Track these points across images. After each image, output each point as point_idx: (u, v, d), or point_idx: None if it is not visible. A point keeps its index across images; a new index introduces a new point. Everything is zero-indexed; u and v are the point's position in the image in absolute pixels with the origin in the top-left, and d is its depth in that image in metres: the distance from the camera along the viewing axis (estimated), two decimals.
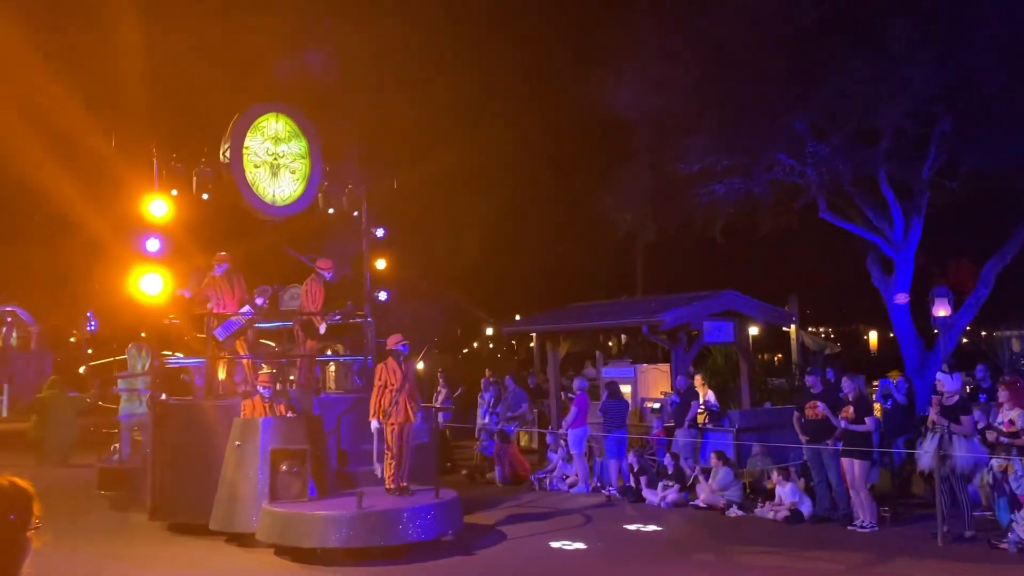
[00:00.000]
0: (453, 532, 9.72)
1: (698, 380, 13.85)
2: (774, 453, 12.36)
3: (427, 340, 13.85)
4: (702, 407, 13.84)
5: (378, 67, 20.47)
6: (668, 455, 12.49)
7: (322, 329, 11.97)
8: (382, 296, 13.77)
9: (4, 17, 15.87)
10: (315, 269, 12.26)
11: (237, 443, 9.95)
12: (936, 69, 14.18)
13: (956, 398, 9.99)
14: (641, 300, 18.88)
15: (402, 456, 9.95)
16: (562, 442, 13.78)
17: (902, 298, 15.76)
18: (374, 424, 9.94)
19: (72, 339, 36.74)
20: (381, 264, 13.84)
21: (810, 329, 29.88)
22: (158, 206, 11.21)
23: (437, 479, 10.39)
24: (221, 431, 10.33)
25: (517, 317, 26.83)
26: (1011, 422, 9.24)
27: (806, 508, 10.69)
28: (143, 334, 14.77)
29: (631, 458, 12.70)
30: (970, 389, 12.78)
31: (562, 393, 16.82)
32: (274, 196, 12.40)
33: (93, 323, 37.94)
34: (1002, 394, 9.52)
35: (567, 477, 13.42)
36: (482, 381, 17.62)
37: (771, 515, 10.79)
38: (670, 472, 12.15)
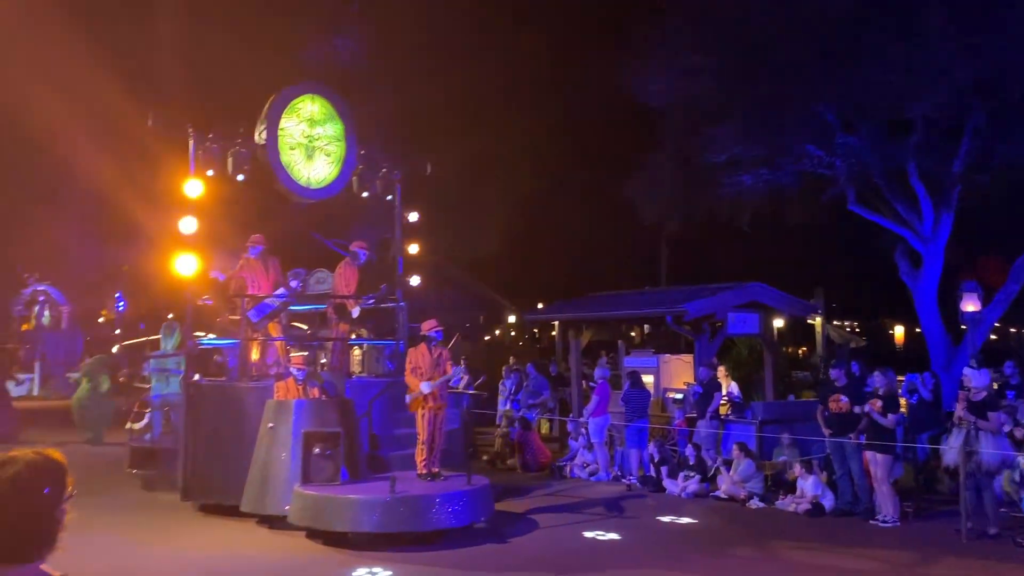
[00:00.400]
0: (485, 519, 9.63)
1: (721, 371, 13.80)
2: (796, 446, 12.29)
3: (456, 327, 13.78)
4: (725, 398, 13.80)
5: (408, 51, 20.40)
6: (690, 446, 12.46)
7: (355, 313, 11.92)
8: (414, 281, 13.71)
9: None
10: (346, 253, 12.23)
11: (270, 425, 9.94)
12: (971, 60, 13.94)
13: (984, 394, 9.87)
14: (665, 290, 18.84)
15: (434, 442, 9.89)
16: (583, 430, 13.79)
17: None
18: (425, 387, 9.76)
19: (101, 319, 37.23)
20: (414, 249, 13.78)
21: (835, 322, 29.66)
22: (193, 187, 11.21)
23: (468, 466, 10.35)
24: (254, 413, 10.33)
25: (540, 306, 26.87)
26: None
27: (828, 501, 10.63)
28: (171, 315, 14.91)
29: (652, 448, 12.68)
30: (997, 386, 12.62)
31: (583, 382, 16.83)
32: (309, 178, 12.34)
33: (122, 303, 38.44)
34: None
35: (587, 465, 13.43)
36: (504, 368, 17.65)
37: (792, 507, 10.74)
38: (691, 463, 12.12)
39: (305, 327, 14.08)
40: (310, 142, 12.30)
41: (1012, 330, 25.06)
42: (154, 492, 11.70)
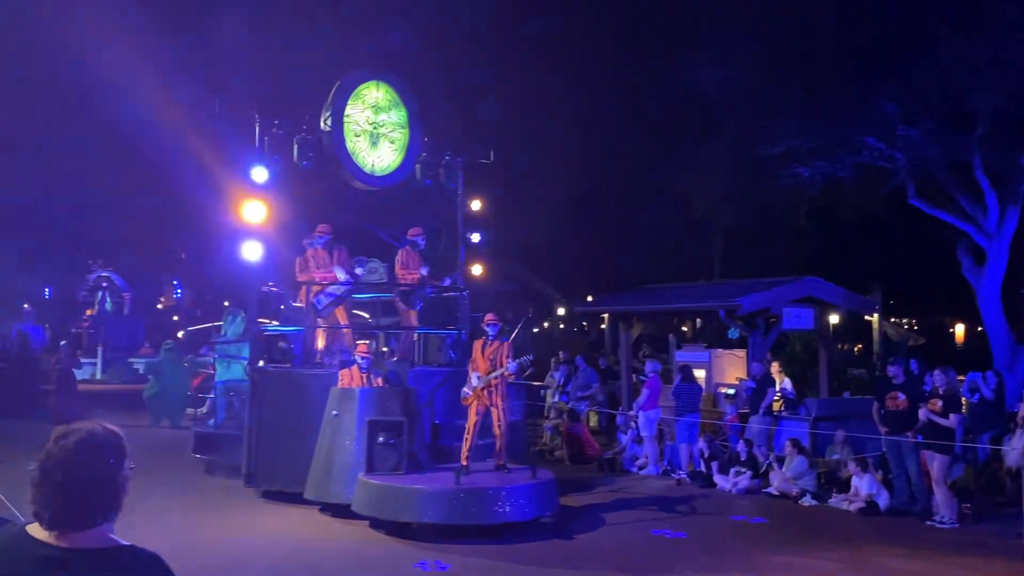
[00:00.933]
0: (550, 514, 9.47)
1: (775, 367, 13.61)
2: (851, 444, 12.07)
3: (510, 319, 13.74)
4: (778, 395, 13.60)
5: (463, 41, 20.35)
6: (741, 441, 12.31)
7: (418, 305, 11.86)
8: (476, 270, 13.65)
9: None
10: (396, 242, 12.30)
11: (334, 413, 9.91)
12: None
13: None
14: (718, 284, 18.60)
15: (492, 435, 9.71)
16: (632, 424, 13.71)
17: None
18: (473, 378, 9.69)
19: (160, 306, 38.13)
20: (476, 237, 13.70)
21: (892, 319, 29.04)
22: (259, 173, 11.29)
23: (533, 459, 10.26)
24: (318, 400, 10.32)
25: (589, 298, 26.76)
26: None
27: (883, 501, 10.41)
28: (226, 303, 15.18)
29: (702, 443, 12.56)
30: None
31: (634, 375, 16.73)
32: (373, 166, 12.31)
33: (180, 290, 39.28)
34: None
35: (636, 459, 13.35)
36: (552, 361, 17.63)
37: (846, 505, 10.55)
38: (743, 459, 11.98)
39: (366, 315, 14.16)
40: (375, 129, 12.26)
41: None
42: (217, 477, 11.78)
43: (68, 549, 2.10)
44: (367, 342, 10.65)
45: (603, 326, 20.96)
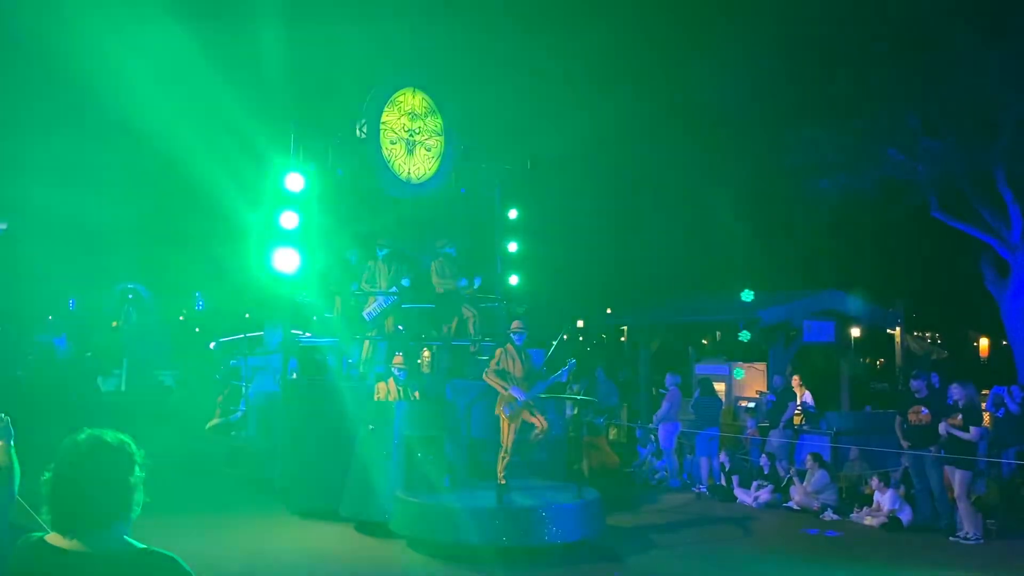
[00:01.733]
0: (596, 535, 8.91)
1: (796, 380, 13.51)
2: (873, 458, 11.96)
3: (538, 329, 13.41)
4: (799, 408, 13.51)
5: (504, 44, 19.98)
6: (763, 455, 12.23)
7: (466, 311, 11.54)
8: (513, 280, 13.23)
9: None
10: (441, 249, 11.81)
11: (371, 427, 9.54)
12: None
13: None
14: (738, 296, 18.50)
15: (508, 451, 9.14)
16: (652, 437, 13.64)
17: None
18: (516, 392, 9.04)
19: (181, 318, 38.36)
20: (512, 247, 13.32)
21: (915, 333, 28.74)
22: (295, 180, 10.98)
23: (580, 476, 9.81)
24: (353, 413, 9.93)
25: (608, 311, 26.68)
26: None
27: (905, 516, 10.29)
28: (247, 315, 15.11)
29: (723, 456, 12.49)
30: None
31: (653, 388, 16.67)
32: (409, 173, 12.15)
33: (200, 303, 39.55)
34: None
35: (656, 472, 13.29)
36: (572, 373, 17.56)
37: (868, 520, 10.44)
38: (765, 472, 11.89)
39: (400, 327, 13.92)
40: (411, 136, 12.13)
41: None
42: (250, 492, 11.51)
43: (84, 553, 2.12)
44: (405, 355, 10.31)
45: (623, 339, 20.85)
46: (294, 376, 11.12)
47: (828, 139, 15.55)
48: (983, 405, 12.53)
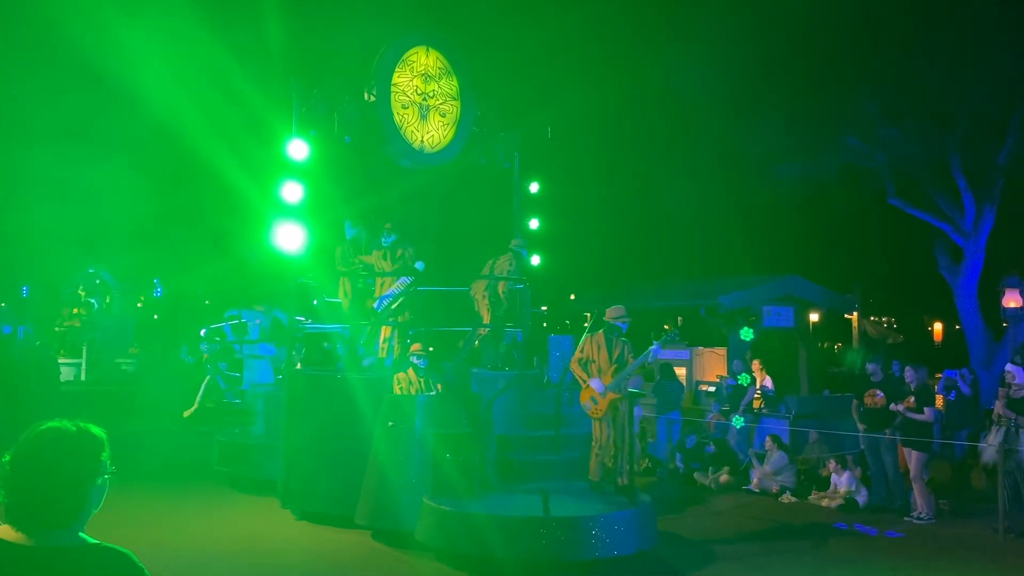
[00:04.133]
0: (651, 546, 7.87)
1: (756, 365, 13.69)
2: (831, 441, 12.17)
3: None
4: (758, 393, 13.70)
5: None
6: (724, 439, 12.39)
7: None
8: (535, 260, 12.14)
9: None
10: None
11: (390, 424, 8.44)
12: (1020, 52, 13.67)
13: None
14: (699, 282, 18.69)
15: (622, 446, 8.20)
16: None
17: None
18: (596, 385, 8.21)
19: (139, 304, 37.61)
20: (534, 223, 12.29)
21: (872, 318, 29.25)
22: (298, 148, 9.83)
23: (632, 478, 8.22)
24: (367, 408, 8.85)
25: (572, 296, 26.76)
26: None
27: (861, 498, 10.51)
28: (207, 301, 14.54)
29: (689, 441, 12.63)
30: None
31: None
32: (422, 142, 10.99)
33: (159, 289, 38.69)
34: None
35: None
36: (534, 359, 17.59)
37: (825, 503, 10.64)
38: (723, 456, 12.05)
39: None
40: (424, 100, 11.04)
41: None
42: (245, 494, 10.54)
43: (34, 548, 2.07)
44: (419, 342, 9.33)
45: (586, 324, 20.91)
46: (299, 366, 9.95)
47: (788, 127, 15.72)
48: (935, 388, 12.83)
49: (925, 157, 15.72)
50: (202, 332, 14.50)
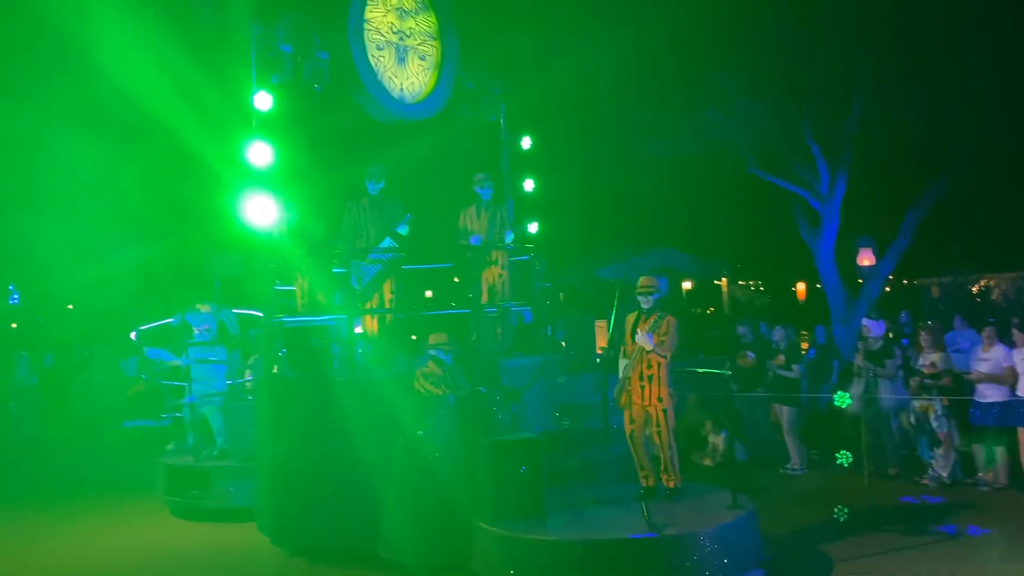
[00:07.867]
0: (765, 559, 6.53)
1: None
2: (707, 403, 12.69)
3: None
4: None
5: None
6: None
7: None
8: (533, 227, 11.03)
9: None
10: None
11: (420, 432, 6.99)
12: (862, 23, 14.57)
13: (880, 343, 10.43)
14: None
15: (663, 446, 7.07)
16: None
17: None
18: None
19: None
20: (528, 185, 10.96)
21: (740, 282, 30.59)
22: (263, 99, 8.23)
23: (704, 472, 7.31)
24: (373, 415, 7.31)
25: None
26: (932, 364, 9.71)
27: (740, 455, 11.06)
28: (70, 306, 13.20)
29: None
30: (892, 335, 13.29)
31: None
32: (402, 89, 9.65)
33: (15, 296, 36.10)
34: (923, 339, 10.00)
35: None
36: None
37: (707, 462, 11.14)
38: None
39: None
40: (401, 40, 9.69)
41: (904, 282, 26.33)
42: (203, 524, 9.02)
43: None
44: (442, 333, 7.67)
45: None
46: (275, 370, 8.30)
47: (652, 105, 16.18)
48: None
49: (781, 127, 16.49)
50: (132, 335, 12.51)
